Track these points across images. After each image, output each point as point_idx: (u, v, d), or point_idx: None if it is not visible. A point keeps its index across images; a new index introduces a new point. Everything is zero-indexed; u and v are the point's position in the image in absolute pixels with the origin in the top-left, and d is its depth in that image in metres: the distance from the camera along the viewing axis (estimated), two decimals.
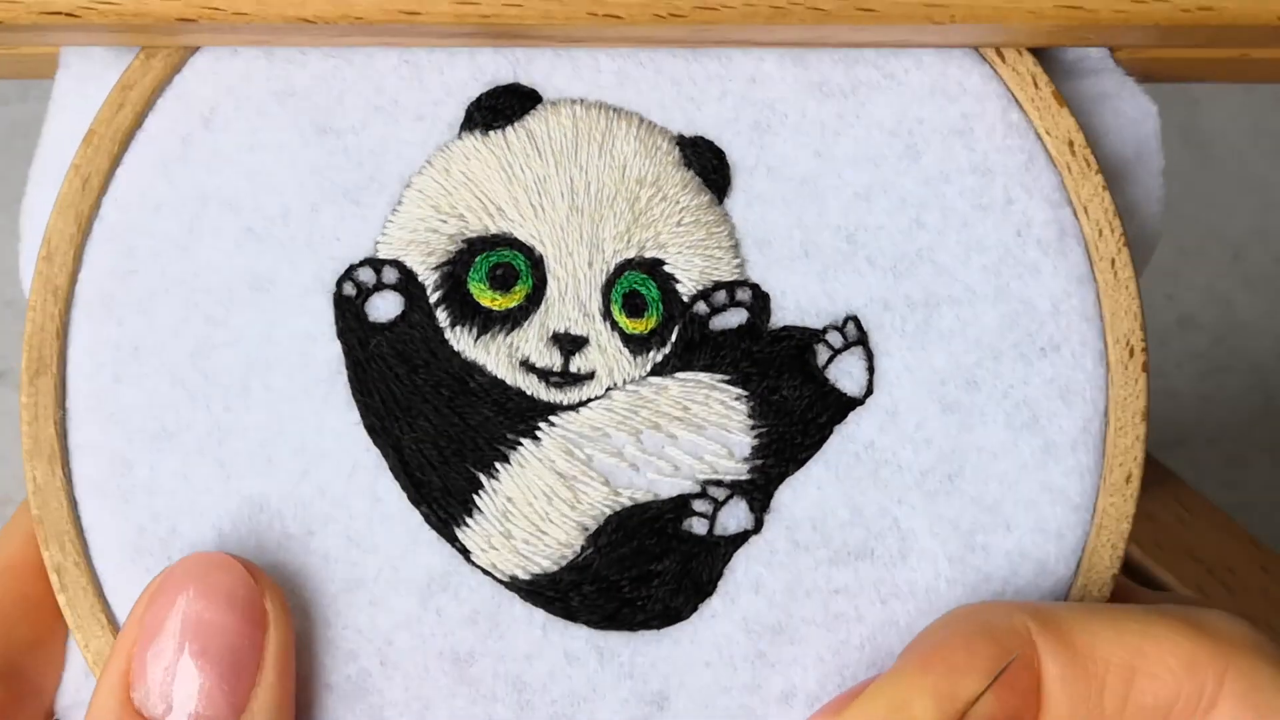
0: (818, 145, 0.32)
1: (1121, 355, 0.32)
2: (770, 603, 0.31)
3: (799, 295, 0.31)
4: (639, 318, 0.31)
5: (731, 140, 0.32)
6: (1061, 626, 0.28)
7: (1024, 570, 0.31)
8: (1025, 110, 0.32)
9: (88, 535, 0.30)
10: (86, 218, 0.31)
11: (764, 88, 0.32)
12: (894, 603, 0.31)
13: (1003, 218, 0.32)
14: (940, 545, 0.31)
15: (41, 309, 0.31)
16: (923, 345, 0.32)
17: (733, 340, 0.31)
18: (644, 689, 0.30)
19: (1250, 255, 0.67)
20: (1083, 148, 0.32)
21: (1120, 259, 0.32)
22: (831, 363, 0.31)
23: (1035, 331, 0.32)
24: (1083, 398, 0.32)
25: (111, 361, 0.31)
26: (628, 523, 0.31)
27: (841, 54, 0.32)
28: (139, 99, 0.31)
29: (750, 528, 0.31)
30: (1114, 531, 0.31)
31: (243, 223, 0.31)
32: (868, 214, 0.32)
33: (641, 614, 0.31)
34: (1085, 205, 0.32)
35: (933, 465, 0.31)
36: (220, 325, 0.31)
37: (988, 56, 0.32)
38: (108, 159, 0.31)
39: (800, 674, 0.31)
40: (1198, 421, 0.64)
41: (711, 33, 0.31)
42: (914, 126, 0.32)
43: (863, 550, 0.31)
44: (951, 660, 0.27)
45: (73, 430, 0.31)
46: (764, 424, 0.31)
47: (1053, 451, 0.31)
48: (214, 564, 0.29)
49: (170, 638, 0.28)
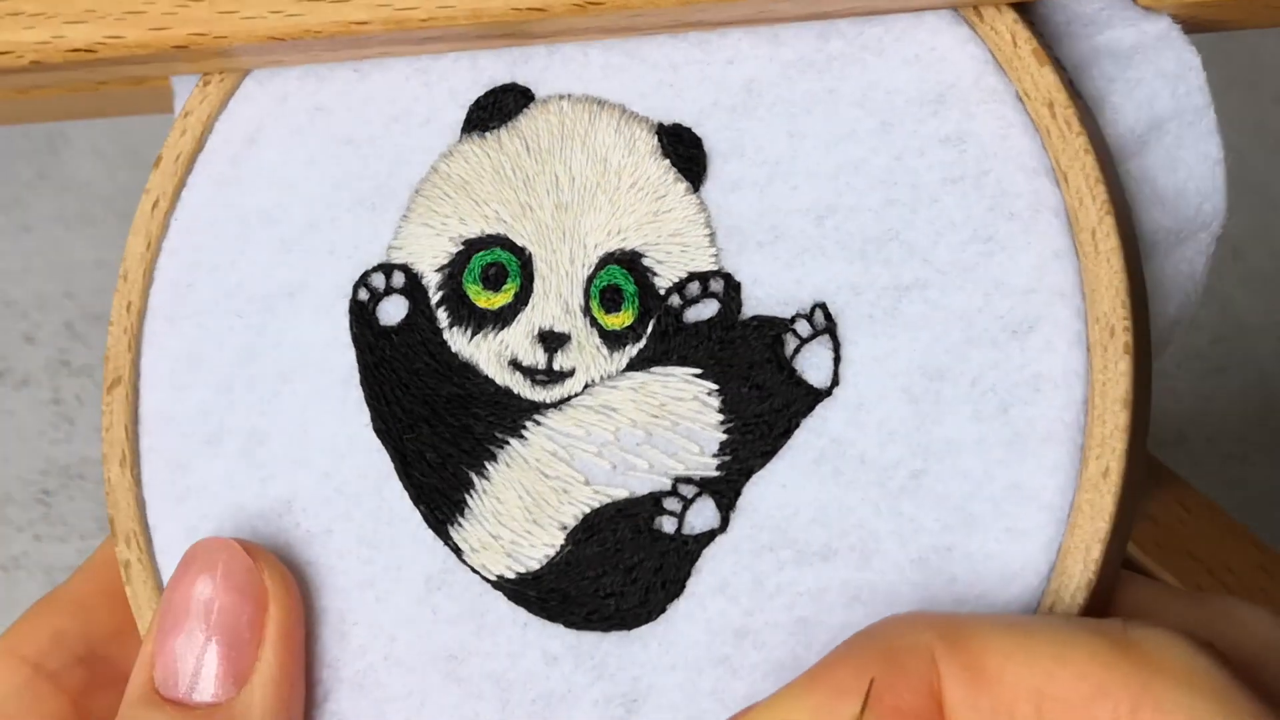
0: (790, 125, 0.31)
1: (1101, 336, 0.28)
2: (735, 605, 0.30)
3: (770, 283, 0.30)
4: (616, 312, 0.31)
5: (709, 126, 0.31)
6: (970, 646, 0.25)
7: (990, 574, 0.29)
8: (1004, 71, 0.30)
9: (153, 534, 0.32)
10: (156, 238, 0.33)
11: (740, 69, 0.31)
12: (856, 607, 0.29)
13: (975, 190, 0.29)
14: (902, 547, 0.29)
15: (118, 323, 0.33)
16: (890, 332, 0.29)
17: (705, 332, 0.30)
18: (614, 690, 0.30)
19: (1250, 255, 0.67)
20: (1064, 108, 0.29)
21: (1102, 229, 0.29)
22: (799, 353, 0.30)
23: (1007, 313, 0.29)
24: (1056, 384, 0.29)
25: (171, 371, 0.33)
26: (604, 521, 0.31)
27: (817, 27, 0.31)
28: (197, 124, 0.33)
29: (716, 527, 0.30)
30: (1088, 531, 0.28)
31: (278, 235, 0.33)
32: (838, 195, 0.30)
33: (615, 613, 0.30)
34: (1065, 172, 0.29)
35: (898, 461, 0.29)
36: (260, 334, 0.32)
37: (968, 17, 0.30)
38: (173, 182, 0.33)
39: (761, 680, 0.29)
40: (1198, 421, 0.63)
41: (693, 13, 0.30)
42: (886, 99, 0.30)
43: (826, 551, 0.29)
44: (836, 680, 0.25)
45: (142, 435, 0.33)
46: (733, 418, 0.30)
47: (1023, 444, 0.29)
48: (214, 546, 0.31)
49: (182, 620, 0.30)
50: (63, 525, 0.63)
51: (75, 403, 0.65)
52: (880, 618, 0.28)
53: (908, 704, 0.25)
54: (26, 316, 0.66)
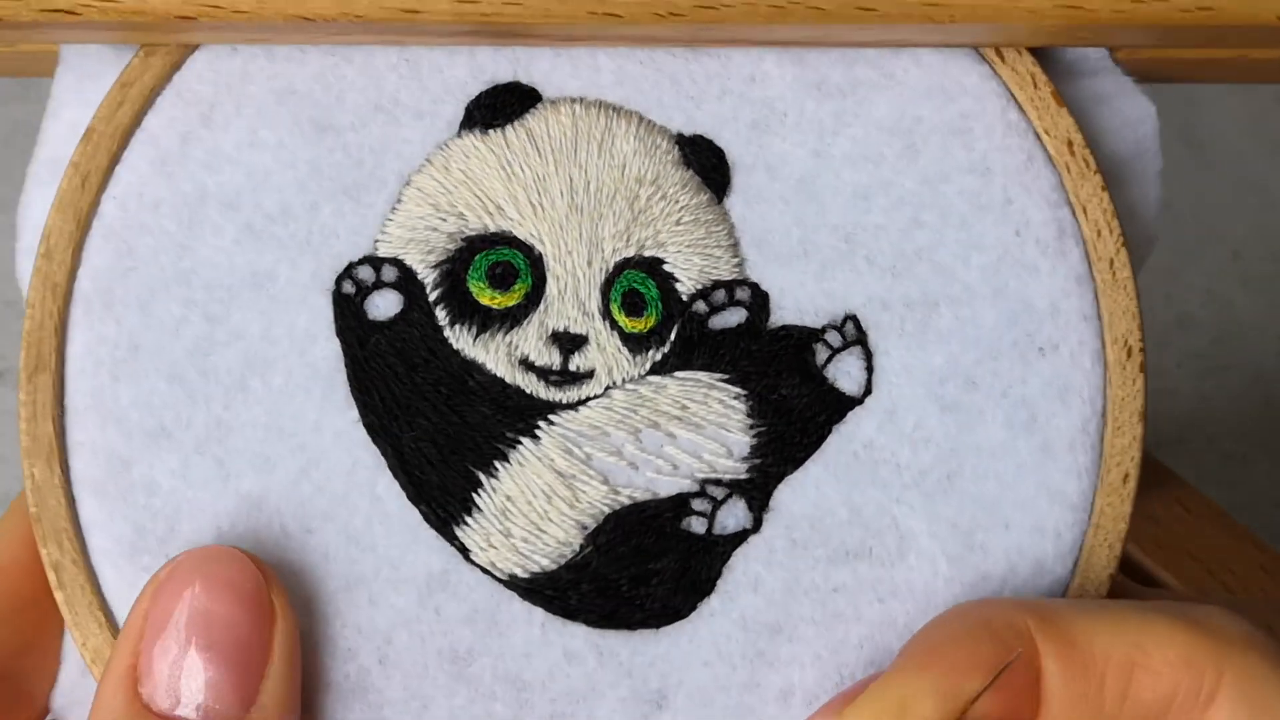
0: (816, 144, 0.32)
1: (1119, 355, 0.32)
2: (769, 601, 0.31)
3: (798, 294, 0.31)
4: (638, 317, 0.31)
5: (730, 139, 0.32)
6: (1060, 623, 0.28)
7: (1022, 569, 0.31)
8: (1024, 110, 0.32)
9: (86, 533, 0.30)
10: (85, 215, 0.31)
11: (763, 87, 0.32)
12: (892, 602, 0.31)
13: (1002, 217, 0.32)
14: (938, 544, 0.31)
15: (40, 306, 0.31)
16: (921, 345, 0.32)
17: (732, 339, 0.31)
18: (643, 688, 0.30)
19: (1250, 255, 0.67)
20: (1081, 147, 0.32)
21: (1119, 259, 0.32)
22: (830, 362, 0.31)
23: (1034, 331, 0.32)
24: (1081, 397, 0.32)
25: (110, 360, 0.31)
26: (626, 521, 0.31)
27: (840, 53, 0.32)
28: (138, 97, 0.31)
29: (749, 527, 0.31)
30: (1111, 531, 0.31)
31: (242, 220, 0.31)
32: (866, 213, 0.32)
33: (640, 613, 0.31)
34: (1084, 205, 0.32)
35: (931, 465, 0.31)
36: (220, 323, 0.31)
37: (987, 56, 0.32)
38: (107, 157, 0.31)
39: (798, 672, 0.31)
40: (1198, 421, 0.63)
41: (711, 32, 0.31)
42: (913, 125, 0.32)
43: (861, 549, 0.31)
44: (953, 658, 0.27)
45: (71, 428, 0.30)
46: (763, 423, 0.31)
47: (1051, 451, 0.31)
48: (219, 557, 0.29)
49: (177, 632, 0.28)
50: None
51: None
52: (918, 612, 0.30)
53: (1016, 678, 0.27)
54: None
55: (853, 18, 0.30)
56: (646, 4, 0.30)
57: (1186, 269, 0.67)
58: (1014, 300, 0.32)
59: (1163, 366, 0.33)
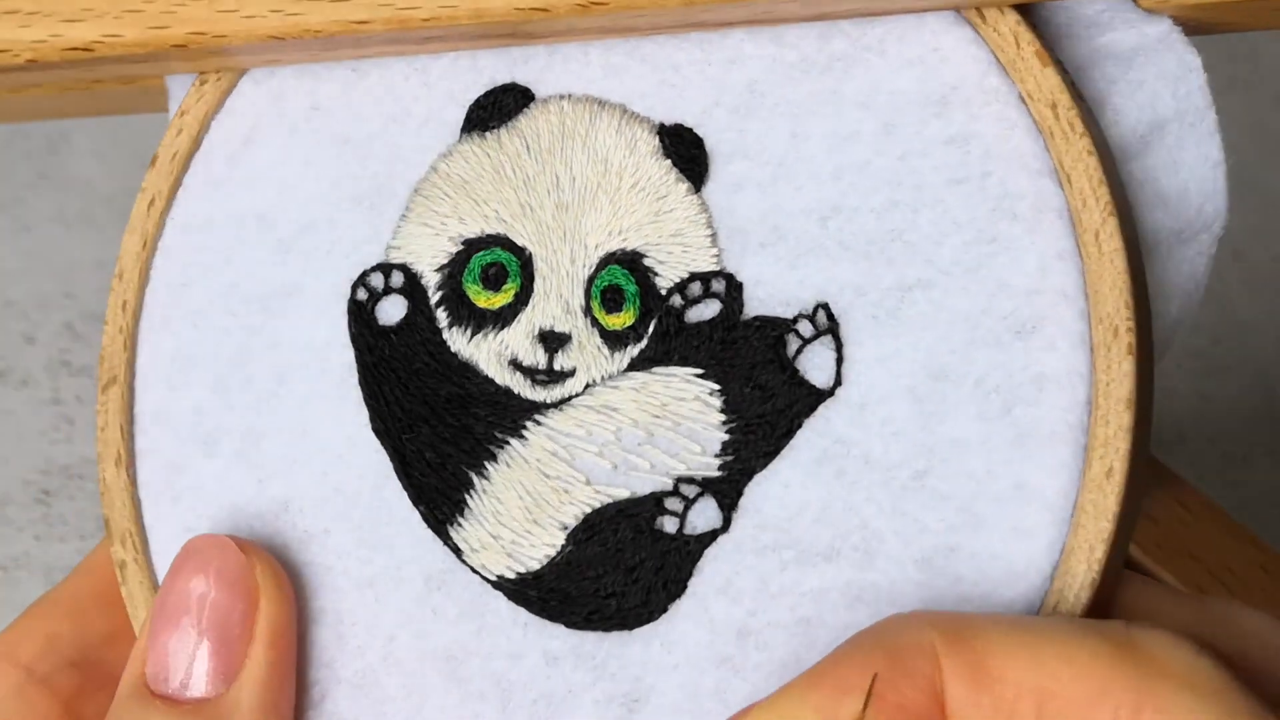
0: (793, 126, 0.31)
1: (1105, 337, 0.28)
2: (737, 605, 0.30)
3: (772, 283, 0.30)
4: (617, 312, 0.31)
5: (711, 126, 0.31)
6: (973, 644, 0.26)
7: (994, 573, 0.29)
8: (1007, 73, 0.30)
9: (149, 534, 0.32)
10: (152, 237, 0.33)
11: (743, 69, 0.31)
12: (859, 607, 0.29)
13: (978, 191, 0.30)
14: (906, 547, 0.29)
15: (114, 323, 0.33)
16: (894, 332, 0.30)
17: (707, 332, 0.31)
18: (615, 690, 0.30)
19: (1250, 255, 0.67)
20: (1067, 109, 0.29)
21: (1105, 230, 0.29)
22: (801, 353, 0.30)
23: (1010, 313, 0.29)
24: (1060, 385, 0.29)
25: (166, 371, 0.33)
26: (605, 521, 0.31)
27: (819, 28, 0.31)
28: (194, 123, 0.33)
29: (718, 526, 0.30)
30: (1092, 531, 0.28)
31: (275, 234, 0.33)
32: (841, 195, 0.30)
33: (616, 613, 0.30)
34: (1069, 173, 0.29)
35: (902, 461, 0.29)
36: (256, 334, 0.32)
37: (969, 18, 0.30)
38: (169, 181, 0.33)
39: (764, 680, 0.29)
40: (1198, 421, 0.63)
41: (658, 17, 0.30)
42: (888, 100, 0.30)
43: (829, 551, 0.29)
44: (839, 678, 0.26)
45: (137, 435, 0.33)
46: (735, 418, 0.30)
47: (1027, 444, 0.29)
48: (206, 543, 0.31)
49: (175, 616, 0.30)
50: (63, 525, 0.63)
51: (75, 403, 0.65)
52: (883, 617, 0.28)
53: (910, 701, 0.25)
54: (26, 316, 0.66)
55: None
56: None
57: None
58: (990, 281, 0.29)
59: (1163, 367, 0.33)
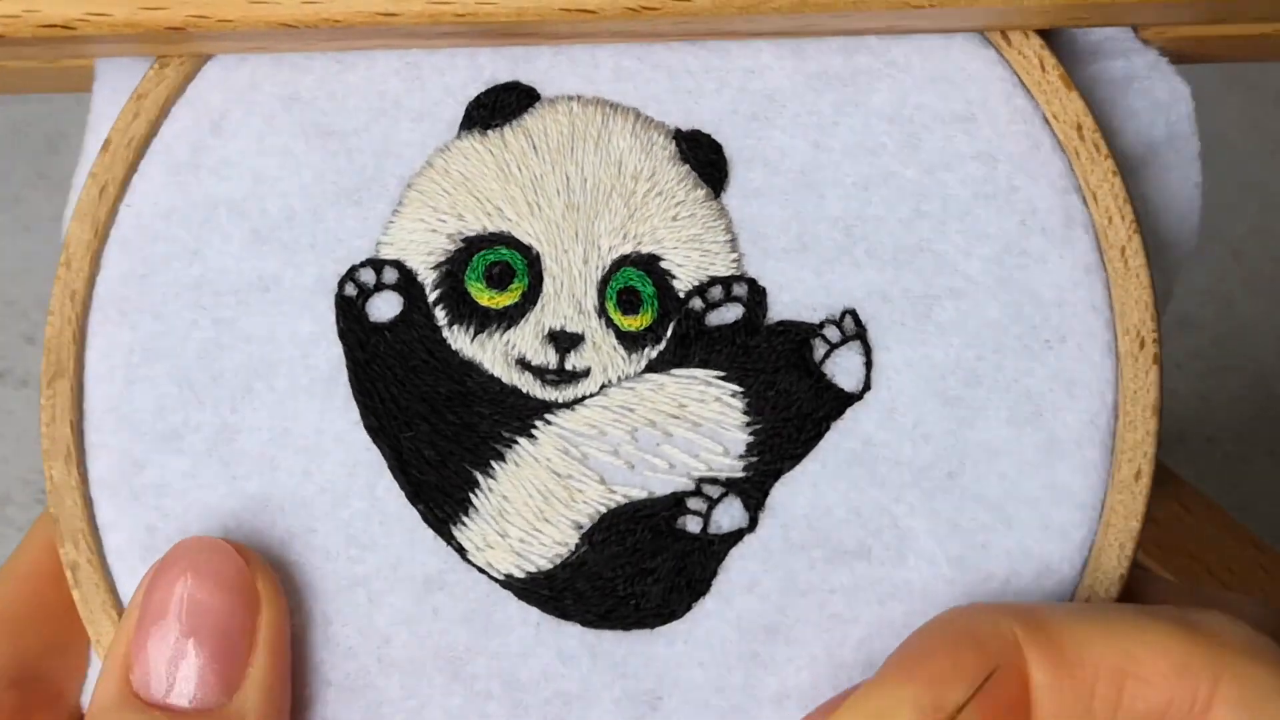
0: (816, 136, 0.31)
1: (1132, 347, 0.31)
2: (765, 602, 0.30)
3: (796, 289, 0.31)
4: (634, 314, 0.31)
5: (729, 133, 0.31)
6: (1050, 631, 0.27)
7: (1026, 570, 0.30)
8: (1032, 94, 0.31)
9: (103, 534, 0.31)
10: (104, 225, 0.32)
11: (762, 79, 0.32)
12: (891, 603, 0.30)
13: (1006, 206, 0.31)
14: (939, 544, 0.30)
15: (60, 314, 0.31)
16: (923, 339, 0.31)
17: (729, 336, 0.31)
18: (637, 688, 0.30)
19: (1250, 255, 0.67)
20: (1092, 131, 0.31)
21: (1131, 246, 0.31)
22: (828, 358, 0.31)
23: (1040, 323, 0.31)
24: (1089, 391, 0.31)
25: (124, 364, 0.31)
26: (622, 521, 0.31)
27: (841, 42, 0.32)
28: (153, 107, 0.32)
29: (745, 526, 0.31)
30: (1122, 530, 0.30)
31: (250, 226, 0.32)
32: (866, 205, 0.31)
33: (635, 613, 0.30)
34: (1094, 191, 0.31)
35: (932, 462, 0.31)
36: (228, 328, 0.31)
37: (994, 40, 0.31)
38: (124, 167, 0.32)
39: (794, 675, 0.30)
40: (1198, 421, 0.63)
41: (694, 25, 0.30)
42: (914, 114, 0.31)
43: (860, 549, 0.30)
44: (935, 669, 0.26)
45: (89, 431, 0.31)
46: (760, 420, 0.31)
47: (1057, 447, 0.31)
48: (205, 547, 0.29)
49: (165, 621, 0.29)
50: None
51: None
52: (917, 614, 0.30)
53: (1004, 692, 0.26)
54: (26, 316, 0.66)
55: (834, 5, 0.29)
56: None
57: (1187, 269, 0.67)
58: (1019, 291, 0.31)
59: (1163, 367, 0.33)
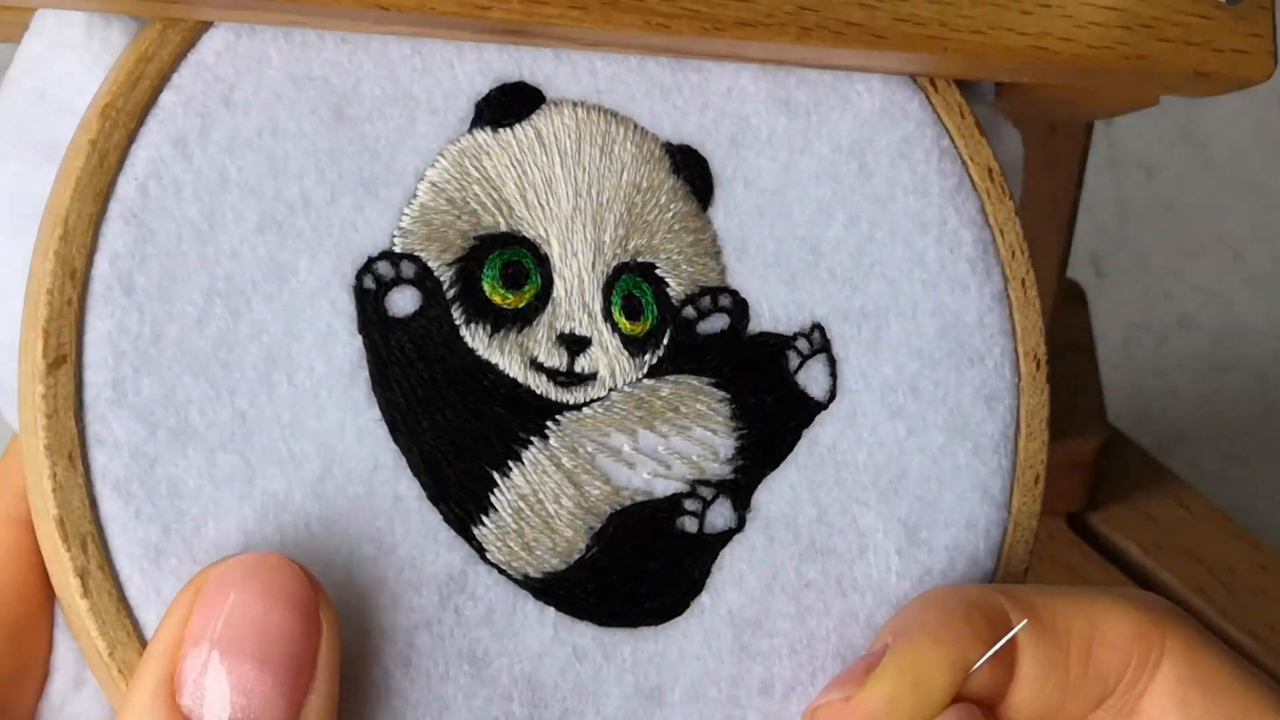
0: (786, 160, 0.33)
1: (1030, 368, 0.35)
2: (750, 597, 0.32)
3: (772, 302, 0.33)
4: (637, 320, 0.32)
5: (712, 150, 0.33)
6: (1030, 603, 0.31)
7: (959, 563, 0.34)
8: (953, 138, 0.34)
9: (109, 536, 0.28)
10: (102, 195, 0.29)
11: (739, 101, 0.33)
12: (853, 595, 0.33)
13: (939, 236, 0.34)
14: (890, 541, 0.33)
15: (60, 293, 0.28)
16: (875, 354, 0.33)
17: (717, 345, 0.32)
18: (642, 683, 0.31)
19: (1250, 255, 0.67)
20: (999, 175, 0.35)
21: (1028, 279, 0.35)
22: (801, 368, 0.33)
23: (965, 342, 0.34)
24: (1003, 404, 0.34)
25: (132, 351, 0.29)
26: (629, 521, 0.31)
27: (803, 73, 0.33)
28: (156, 73, 0.29)
29: (734, 526, 0.32)
30: (1026, 529, 0.35)
31: (264, 209, 0.30)
32: (828, 227, 0.33)
33: (642, 611, 0.31)
34: (1000, 229, 0.35)
35: (884, 466, 0.33)
36: (243, 316, 0.29)
37: (922, 85, 0.34)
38: (124, 134, 0.29)
39: (777, 664, 0.32)
40: (1198, 421, 0.64)
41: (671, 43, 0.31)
42: (865, 147, 0.34)
43: (827, 547, 0.33)
44: (958, 632, 0.30)
45: (91, 423, 0.28)
46: (744, 426, 0.32)
47: (980, 454, 0.34)
48: (272, 565, 0.27)
49: (225, 640, 0.27)
50: None
51: None
52: (875, 604, 0.33)
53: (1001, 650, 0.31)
54: None
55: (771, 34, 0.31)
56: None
57: (1187, 269, 0.68)
58: (948, 314, 0.34)
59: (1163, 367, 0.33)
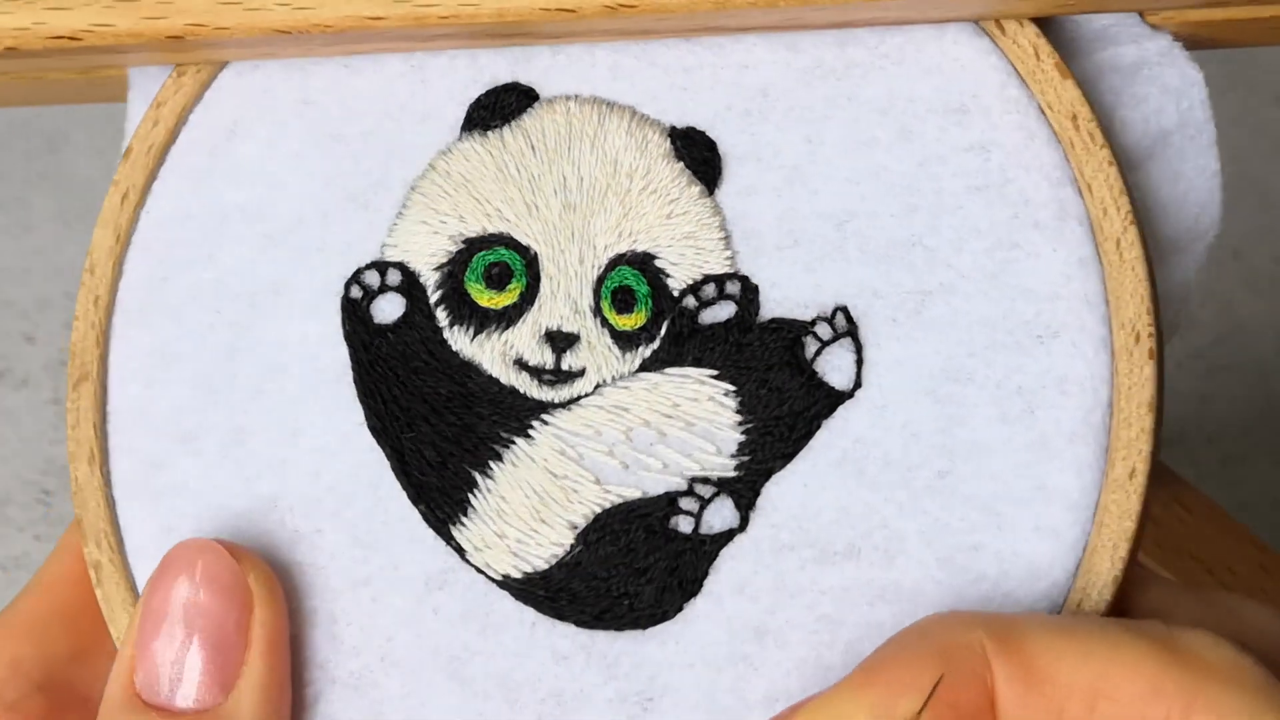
0: (808, 131, 0.31)
1: (1127, 341, 0.30)
2: (755, 604, 0.30)
3: (787, 286, 0.31)
4: (629, 313, 0.31)
5: (723, 130, 0.31)
6: (1023, 645, 0.26)
7: (1016, 572, 0.30)
8: (1026, 84, 0.31)
9: (125, 534, 0.32)
10: (125, 231, 0.32)
11: (755, 74, 0.31)
12: (880, 605, 0.30)
13: (999, 198, 0.31)
14: (928, 546, 0.30)
15: (84, 318, 0.32)
16: (914, 335, 0.30)
17: (721, 334, 0.31)
18: (629, 689, 0.30)
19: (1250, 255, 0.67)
20: (1087, 121, 0.30)
21: (1126, 239, 0.30)
22: (820, 355, 0.31)
23: (1032, 318, 0.30)
24: (1082, 387, 0.30)
25: (145, 367, 0.32)
26: (616, 521, 0.31)
27: (834, 35, 0.31)
28: (170, 115, 0.32)
29: (736, 526, 0.30)
30: (1116, 531, 0.29)
31: (263, 230, 0.32)
32: (858, 200, 0.31)
33: (628, 613, 0.30)
34: (1089, 183, 0.30)
35: (922, 461, 0.30)
36: (243, 331, 0.32)
37: (988, 30, 0.31)
38: (144, 174, 0.32)
39: (782, 678, 0.30)
40: (1198, 421, 0.64)
41: (678, 21, 0.30)
42: (907, 106, 0.31)
43: (849, 550, 0.30)
44: (893, 677, 0.26)
45: (112, 433, 0.32)
46: (751, 419, 0.31)
47: (1049, 445, 0.30)
48: (196, 548, 0.30)
49: (163, 623, 0.29)
50: (62, 525, 0.63)
51: None
52: (906, 616, 0.29)
53: (964, 702, 0.26)
54: (26, 316, 0.66)
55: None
56: None
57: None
58: (1010, 286, 0.30)
59: None
